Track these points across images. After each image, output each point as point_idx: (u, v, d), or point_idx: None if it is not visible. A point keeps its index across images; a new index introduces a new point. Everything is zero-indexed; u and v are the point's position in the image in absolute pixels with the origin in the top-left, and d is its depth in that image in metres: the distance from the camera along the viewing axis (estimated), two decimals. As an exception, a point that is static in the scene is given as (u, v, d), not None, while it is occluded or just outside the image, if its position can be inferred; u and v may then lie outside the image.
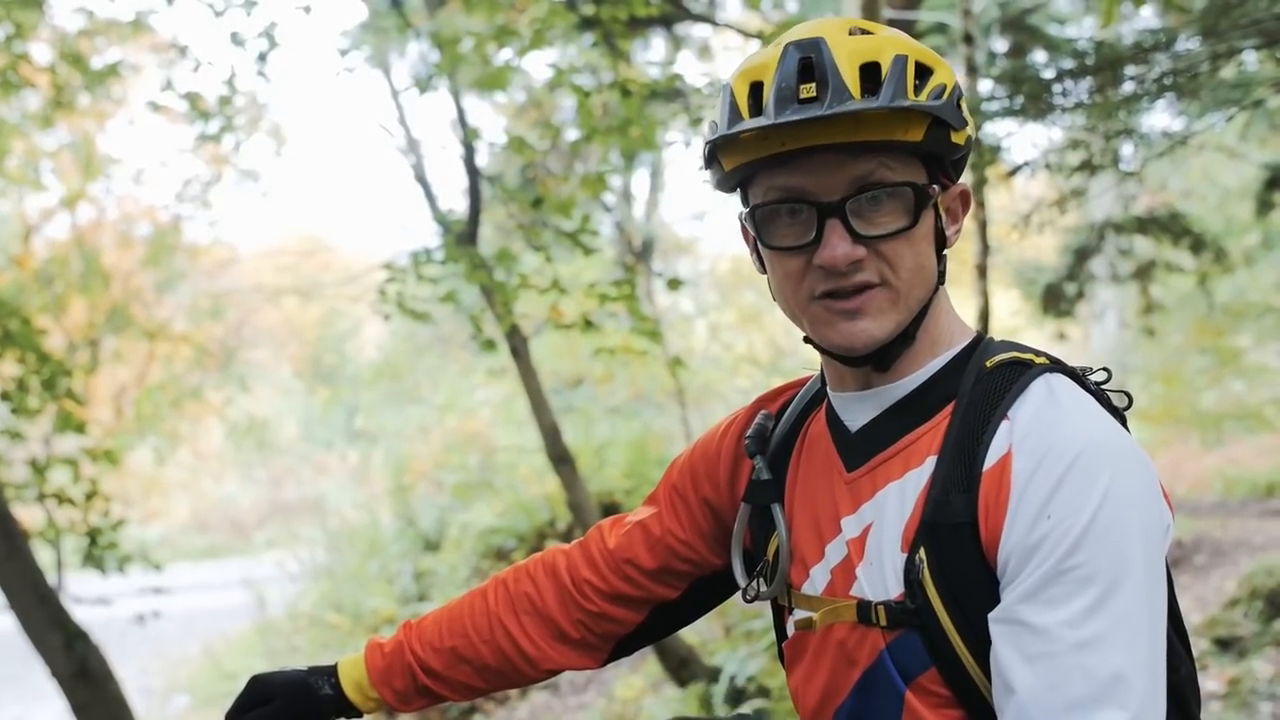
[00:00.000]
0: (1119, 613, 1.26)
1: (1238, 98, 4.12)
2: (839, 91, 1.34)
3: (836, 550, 1.48)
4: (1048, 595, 1.28)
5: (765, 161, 1.40)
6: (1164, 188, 14.04)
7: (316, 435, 25.98)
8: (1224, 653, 6.63)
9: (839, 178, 1.37)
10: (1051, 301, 11.36)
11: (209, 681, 13.08)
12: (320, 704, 1.70)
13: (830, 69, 1.35)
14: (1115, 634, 1.25)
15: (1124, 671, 1.24)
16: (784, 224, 1.42)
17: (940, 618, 1.35)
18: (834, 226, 1.38)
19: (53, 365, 6.73)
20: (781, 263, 1.44)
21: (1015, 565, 1.31)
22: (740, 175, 1.45)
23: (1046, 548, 1.28)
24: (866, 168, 1.37)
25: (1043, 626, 1.27)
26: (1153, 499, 1.34)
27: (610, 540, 1.76)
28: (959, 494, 1.36)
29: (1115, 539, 1.28)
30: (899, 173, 1.39)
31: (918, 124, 1.38)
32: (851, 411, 1.51)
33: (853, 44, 1.38)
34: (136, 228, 16.97)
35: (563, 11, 6.50)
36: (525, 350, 7.97)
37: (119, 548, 7.02)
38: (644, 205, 18.40)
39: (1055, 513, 1.29)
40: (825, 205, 1.38)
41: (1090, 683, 1.24)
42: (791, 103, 1.35)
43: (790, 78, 1.37)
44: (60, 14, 18.97)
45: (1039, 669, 1.26)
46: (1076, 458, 1.30)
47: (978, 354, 1.46)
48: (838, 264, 1.37)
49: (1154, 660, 1.28)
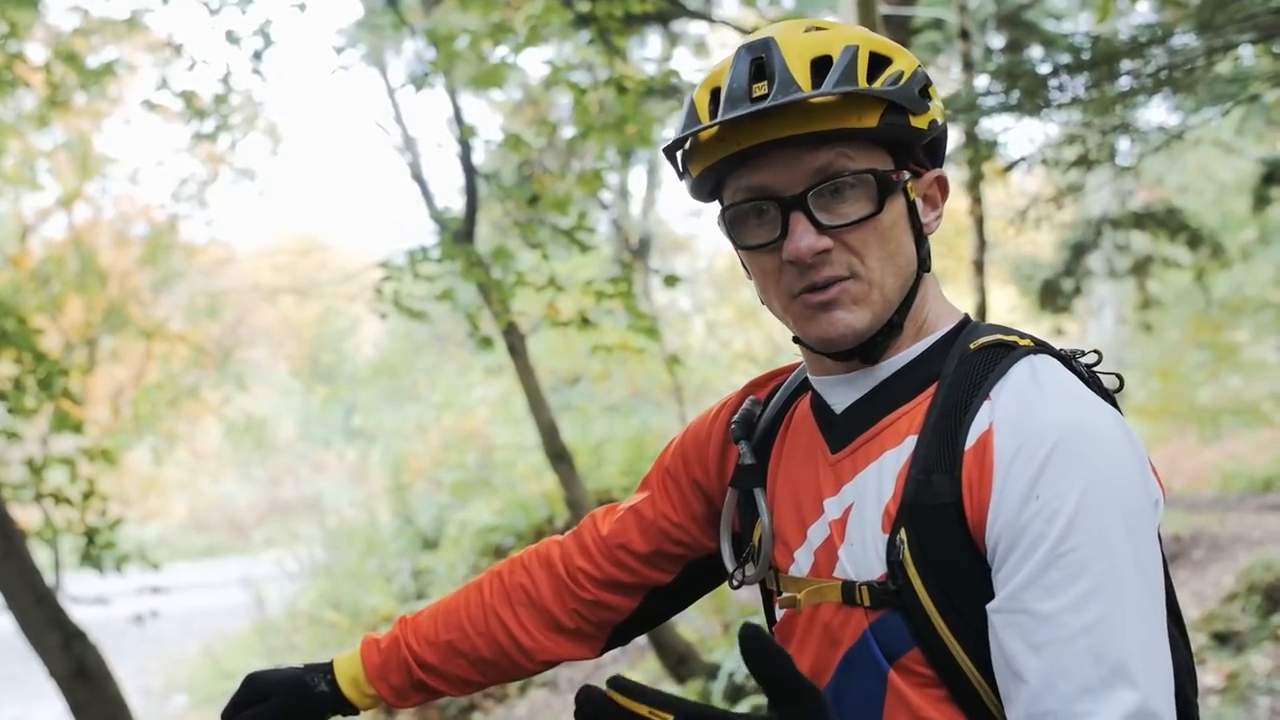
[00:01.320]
0: (1119, 594, 1.26)
1: (1234, 93, 4.11)
2: (785, 84, 1.36)
3: (819, 532, 1.48)
4: (1047, 581, 1.27)
5: (729, 162, 1.41)
6: (1161, 183, 14.05)
7: (314, 434, 25.97)
8: (1222, 647, 6.64)
9: (799, 171, 1.38)
10: (1049, 297, 11.38)
11: (208, 681, 13.08)
12: (317, 701, 1.70)
13: (779, 65, 1.37)
14: (1118, 615, 1.25)
15: (1131, 651, 1.24)
16: (753, 223, 1.43)
17: (921, 598, 1.35)
18: (797, 219, 1.39)
19: (49, 365, 6.72)
20: (757, 262, 1.46)
21: (1005, 548, 1.30)
22: (710, 181, 1.46)
23: (1036, 531, 1.28)
24: (826, 158, 1.38)
25: (1046, 613, 1.26)
26: (1138, 477, 1.33)
27: (603, 527, 1.76)
28: (941, 473, 1.35)
29: (1104, 521, 1.27)
30: (859, 161, 1.39)
31: (871, 110, 1.38)
32: (835, 394, 1.51)
33: (805, 40, 1.40)
34: (133, 227, 16.98)
35: (558, 8, 6.49)
36: (523, 348, 7.97)
37: (117, 547, 7.02)
38: (641, 202, 18.41)
39: (1042, 495, 1.29)
40: (787, 199, 1.39)
41: (1101, 665, 1.24)
42: (743, 102, 1.37)
43: (741, 78, 1.39)
44: (55, 13, 19.00)
45: (1047, 656, 1.26)
46: (1059, 440, 1.30)
47: (962, 336, 1.46)
48: (802, 256, 1.38)
49: (1157, 637, 1.28)
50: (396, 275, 7.02)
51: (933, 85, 1.46)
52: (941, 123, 1.47)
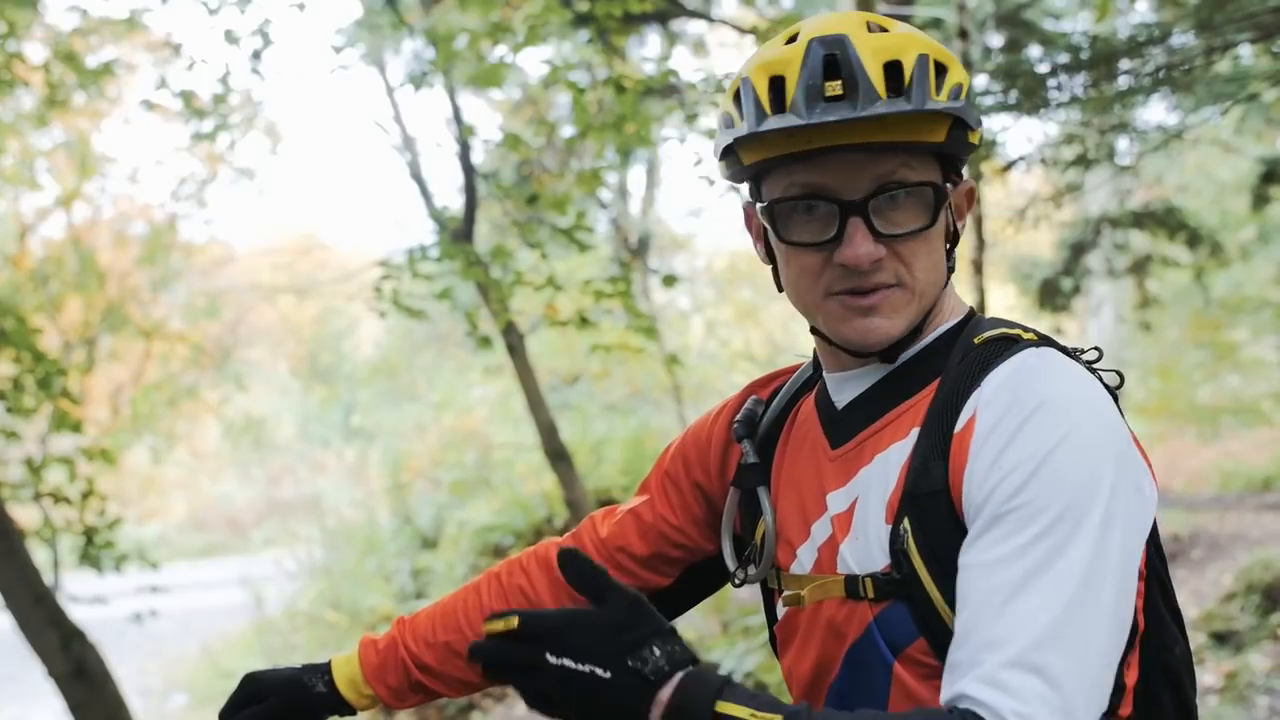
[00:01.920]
0: (1055, 555, 1.24)
1: (1233, 91, 4.11)
2: (868, 93, 1.35)
3: (822, 528, 1.48)
4: (990, 536, 1.28)
5: (786, 157, 1.40)
6: (1160, 182, 14.04)
7: (313, 433, 25.94)
8: (1221, 646, 6.64)
9: (862, 177, 1.38)
10: (1048, 296, 11.37)
11: (207, 680, 13.07)
12: (315, 701, 1.70)
13: (857, 67, 1.36)
14: (1046, 576, 1.24)
15: (1044, 612, 1.22)
16: (802, 220, 1.42)
17: (926, 586, 1.35)
18: (856, 225, 1.38)
19: (48, 364, 6.72)
20: (798, 258, 1.45)
21: (972, 515, 1.31)
22: (758, 169, 1.45)
23: (999, 492, 1.28)
24: (888, 167, 1.38)
25: (982, 564, 1.27)
26: (1117, 452, 1.32)
27: (602, 529, 1.76)
28: (935, 461, 1.36)
29: (1065, 481, 1.26)
30: (919, 172, 1.40)
31: (941, 125, 1.39)
32: (841, 389, 1.52)
33: (875, 41, 1.39)
34: (132, 226, 16.96)
35: (557, 8, 6.48)
36: (521, 347, 7.98)
37: (115, 547, 7.02)
38: (640, 202, 18.38)
39: (1010, 458, 1.29)
40: (848, 204, 1.38)
41: (1012, 618, 1.22)
42: (819, 101, 1.36)
43: (817, 75, 1.37)
44: (54, 12, 18.99)
45: (972, 605, 1.26)
46: (1039, 406, 1.30)
47: (967, 330, 1.47)
48: (860, 263, 1.38)
49: (1086, 609, 1.24)
50: (395, 274, 7.02)
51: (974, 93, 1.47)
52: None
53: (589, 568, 1.31)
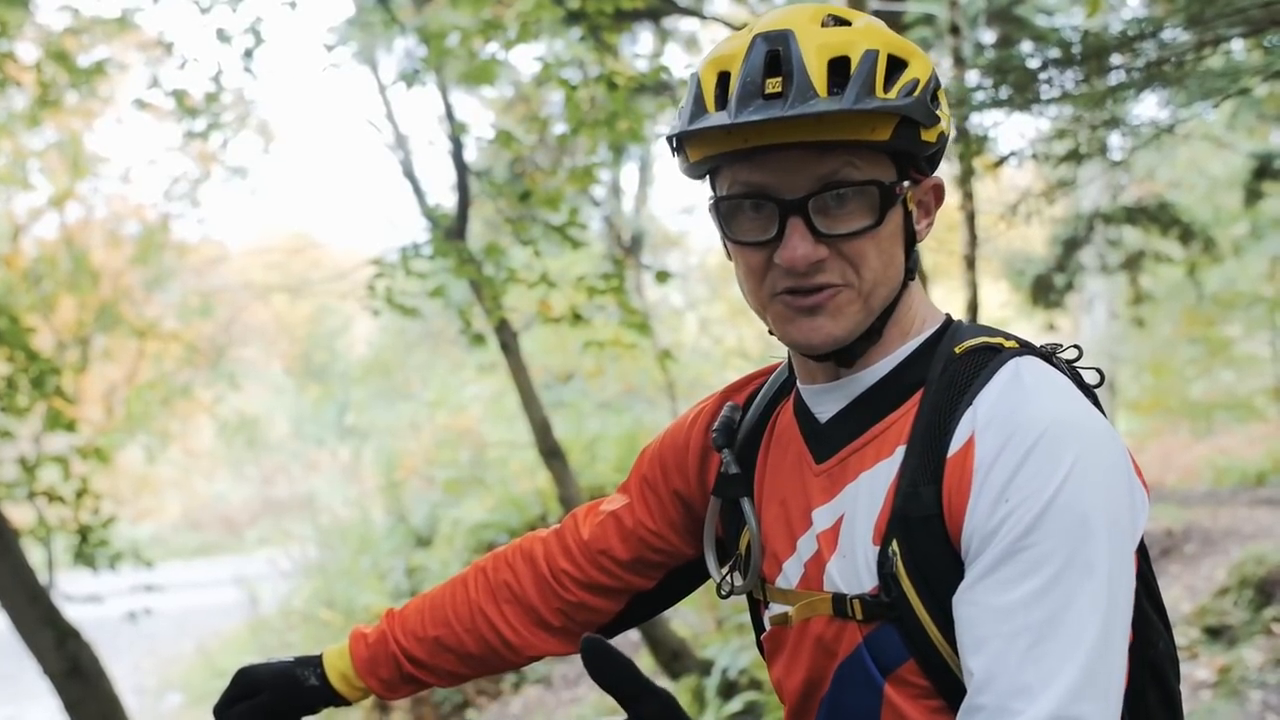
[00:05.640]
0: (1072, 593, 1.24)
1: (1225, 86, 4.11)
2: (803, 90, 1.31)
3: (808, 544, 1.47)
4: (1002, 575, 1.27)
5: (730, 155, 1.37)
6: (1152, 178, 14.05)
7: (307, 432, 25.92)
8: (1214, 641, 6.66)
9: (803, 175, 1.35)
10: (1041, 292, 11.40)
11: (202, 679, 13.08)
12: (307, 695, 1.70)
13: (797, 64, 1.32)
14: (1071, 615, 1.24)
15: (1073, 654, 1.23)
16: (747, 218, 1.40)
17: (916, 609, 1.34)
18: (795, 225, 1.35)
19: (42, 364, 6.72)
20: (744, 257, 1.42)
21: (977, 547, 1.29)
22: (707, 166, 1.43)
23: (1007, 527, 1.27)
24: (832, 166, 1.34)
25: (996, 607, 1.26)
26: (1120, 479, 1.32)
27: (584, 530, 1.75)
28: (926, 484, 1.34)
29: (1075, 520, 1.26)
30: (865, 171, 1.36)
31: (885, 124, 1.34)
32: (820, 403, 1.49)
33: (823, 36, 1.35)
34: (125, 226, 16.94)
35: (549, 5, 6.47)
36: (515, 345, 7.98)
37: (110, 545, 7.02)
38: (632, 199, 18.39)
39: (1017, 493, 1.27)
40: (787, 203, 1.35)
41: (1039, 666, 1.22)
42: (755, 98, 1.32)
43: (755, 72, 1.34)
44: (46, 12, 18.92)
45: (991, 650, 1.25)
46: (1041, 435, 1.29)
47: (946, 339, 1.44)
48: (797, 264, 1.35)
49: (1110, 641, 1.25)
50: (389, 272, 7.01)
51: (943, 89, 1.43)
52: (949, 133, 1.44)
53: (616, 665, 1.30)
